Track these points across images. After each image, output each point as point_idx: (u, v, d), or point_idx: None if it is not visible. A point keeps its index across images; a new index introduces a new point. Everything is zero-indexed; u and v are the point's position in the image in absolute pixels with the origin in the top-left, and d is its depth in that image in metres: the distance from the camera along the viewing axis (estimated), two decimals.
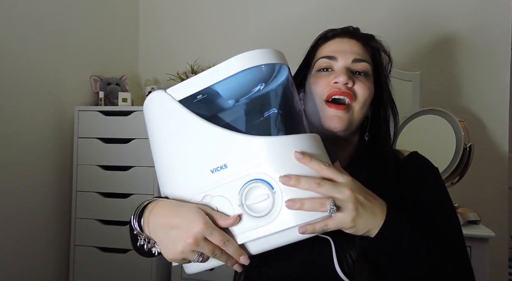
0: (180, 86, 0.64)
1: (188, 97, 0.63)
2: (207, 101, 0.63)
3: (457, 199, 1.69)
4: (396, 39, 1.96)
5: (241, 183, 0.57)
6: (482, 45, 1.91)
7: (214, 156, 0.59)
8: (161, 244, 0.60)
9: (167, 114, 0.64)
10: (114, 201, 1.79)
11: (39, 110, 1.72)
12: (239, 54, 0.59)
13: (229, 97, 0.63)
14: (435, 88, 1.94)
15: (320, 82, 0.76)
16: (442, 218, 0.72)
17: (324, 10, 2.10)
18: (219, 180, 0.59)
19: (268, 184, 0.55)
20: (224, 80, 0.60)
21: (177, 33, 2.36)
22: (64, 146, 1.86)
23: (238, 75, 0.59)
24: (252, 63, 0.59)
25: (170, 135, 0.64)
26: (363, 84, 0.75)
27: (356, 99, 0.74)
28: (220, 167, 0.59)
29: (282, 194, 0.54)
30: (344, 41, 0.78)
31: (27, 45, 1.65)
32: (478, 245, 1.42)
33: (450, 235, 0.71)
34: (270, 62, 0.60)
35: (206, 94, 0.62)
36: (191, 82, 0.63)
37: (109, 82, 2.00)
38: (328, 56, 0.76)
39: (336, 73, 0.75)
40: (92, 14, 2.04)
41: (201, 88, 0.61)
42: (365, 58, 0.76)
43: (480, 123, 1.89)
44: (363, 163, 0.77)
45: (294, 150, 0.56)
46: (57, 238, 1.83)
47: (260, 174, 0.56)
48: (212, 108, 0.64)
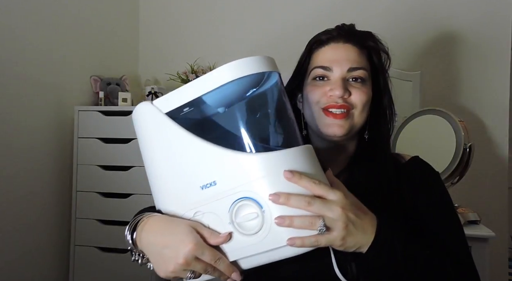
0: (167, 98, 0.62)
1: (176, 109, 0.60)
2: (195, 112, 0.61)
3: (457, 199, 1.68)
4: (396, 39, 1.96)
5: (231, 201, 0.56)
6: (482, 45, 1.91)
7: (203, 172, 0.58)
8: (153, 261, 0.61)
9: (154, 128, 0.62)
10: (114, 201, 1.79)
11: (39, 110, 1.72)
12: (229, 63, 0.57)
13: (218, 108, 0.61)
14: (435, 88, 1.94)
15: (317, 91, 0.75)
16: (444, 224, 0.72)
17: (324, 10, 2.10)
18: (209, 197, 0.58)
19: (257, 202, 0.54)
20: (213, 91, 0.57)
21: (177, 33, 2.36)
22: (64, 146, 1.86)
23: (227, 85, 0.57)
24: (243, 72, 0.57)
25: (159, 150, 0.62)
26: (359, 91, 0.74)
27: (354, 107, 0.74)
28: (209, 184, 0.57)
29: (271, 212, 0.53)
30: (339, 47, 0.76)
31: (27, 45, 1.65)
32: (478, 245, 1.42)
33: (453, 241, 0.70)
34: (261, 71, 0.58)
35: (193, 106, 0.60)
36: (179, 93, 0.60)
37: (109, 82, 2.00)
38: (323, 67, 0.75)
39: (331, 84, 0.74)
40: (92, 14, 2.04)
41: (188, 100, 0.59)
42: (361, 65, 0.75)
43: (480, 123, 1.89)
44: (363, 163, 0.77)
45: (283, 167, 0.54)
46: (57, 238, 1.83)
47: (249, 192, 0.55)
48: (200, 121, 0.62)
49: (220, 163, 0.57)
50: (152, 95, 1.94)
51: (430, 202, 0.73)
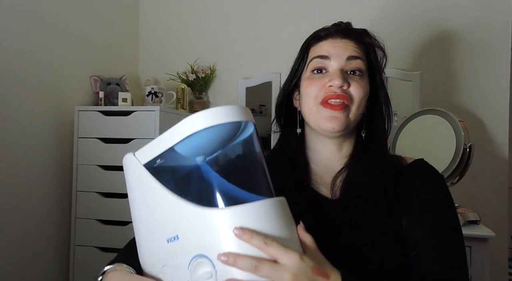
0: (146, 149, 0.60)
1: (152, 160, 0.59)
2: (170, 163, 0.59)
3: (457, 199, 1.68)
4: (397, 39, 1.96)
5: (189, 257, 0.53)
6: (482, 45, 1.91)
7: (168, 225, 0.56)
8: None
9: (135, 178, 0.62)
10: (114, 201, 1.79)
11: (39, 110, 1.72)
12: (200, 112, 0.54)
13: (192, 158, 0.58)
14: (435, 88, 1.94)
15: (315, 84, 0.75)
16: (444, 230, 0.69)
17: (323, 10, 2.10)
18: (173, 251, 0.56)
19: (211, 261, 0.51)
20: (184, 140, 0.54)
21: (177, 33, 2.36)
22: (64, 146, 1.86)
23: (198, 134, 0.53)
24: (215, 121, 0.53)
25: (137, 200, 0.62)
26: (358, 84, 0.74)
27: (352, 101, 0.74)
28: (173, 238, 0.55)
29: (223, 273, 0.50)
30: (337, 41, 0.77)
31: (27, 45, 1.65)
32: (478, 245, 1.42)
33: (451, 247, 0.68)
34: (233, 120, 0.54)
35: (167, 157, 0.57)
36: (155, 143, 0.58)
37: (109, 82, 2.00)
38: (321, 56, 0.76)
39: (330, 76, 0.74)
40: (92, 14, 2.04)
41: (162, 150, 0.57)
42: (359, 55, 0.75)
43: (480, 123, 1.89)
44: (361, 163, 0.76)
45: (237, 223, 0.50)
46: (57, 238, 1.83)
47: (205, 250, 0.52)
48: (175, 171, 0.60)
49: (182, 217, 0.54)
50: (152, 95, 1.94)
51: (432, 203, 0.71)
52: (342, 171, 0.77)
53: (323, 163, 0.80)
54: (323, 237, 0.66)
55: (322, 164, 0.80)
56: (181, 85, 2.16)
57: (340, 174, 0.77)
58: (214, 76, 2.27)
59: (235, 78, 2.18)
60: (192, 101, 2.22)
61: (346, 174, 0.76)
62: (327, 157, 0.79)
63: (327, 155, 0.79)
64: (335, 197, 0.75)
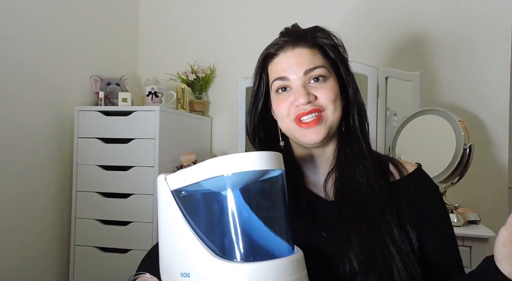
0: (178, 174, 0.59)
1: (180, 189, 0.59)
2: (195, 196, 0.59)
3: (457, 199, 1.69)
4: (397, 39, 1.96)
5: None
6: (483, 45, 1.91)
7: (182, 260, 0.57)
8: None
9: (162, 201, 0.61)
10: (114, 201, 1.79)
11: (39, 110, 1.72)
12: (239, 154, 0.54)
13: (219, 194, 0.57)
14: (435, 88, 1.94)
15: (283, 104, 0.75)
16: (450, 238, 0.76)
17: (324, 10, 2.10)
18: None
19: None
20: (214, 178, 0.54)
21: (177, 33, 2.36)
22: (64, 146, 1.86)
23: (232, 176, 0.53)
24: (247, 167, 0.53)
25: (162, 221, 0.62)
26: (324, 89, 0.73)
27: (325, 107, 0.73)
28: (185, 274, 0.55)
29: None
30: (289, 54, 0.75)
31: (27, 45, 1.65)
32: (478, 245, 1.42)
33: (456, 249, 0.75)
34: (274, 168, 0.55)
35: (196, 189, 0.57)
36: (185, 173, 0.58)
37: (109, 82, 2.00)
38: (279, 78, 0.75)
39: (294, 93, 0.73)
40: (92, 14, 2.04)
41: (191, 182, 0.57)
42: (316, 64, 0.74)
43: (480, 123, 1.89)
44: (348, 159, 0.76)
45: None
46: (57, 238, 1.83)
47: None
48: (199, 205, 0.60)
49: (195, 257, 0.54)
50: (152, 95, 1.94)
51: (431, 217, 0.75)
52: (331, 173, 0.78)
53: (312, 166, 0.81)
54: (321, 236, 0.66)
55: (312, 168, 0.81)
56: (181, 85, 2.16)
57: (330, 177, 0.78)
58: (214, 76, 2.27)
59: (235, 78, 2.18)
60: (192, 101, 2.22)
61: (335, 177, 0.77)
62: (314, 162, 0.80)
63: (314, 160, 0.80)
64: (329, 198, 0.76)
